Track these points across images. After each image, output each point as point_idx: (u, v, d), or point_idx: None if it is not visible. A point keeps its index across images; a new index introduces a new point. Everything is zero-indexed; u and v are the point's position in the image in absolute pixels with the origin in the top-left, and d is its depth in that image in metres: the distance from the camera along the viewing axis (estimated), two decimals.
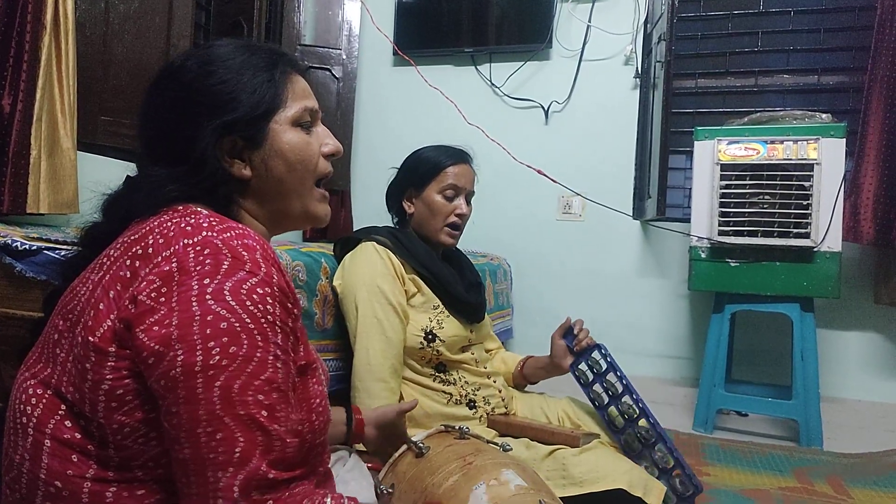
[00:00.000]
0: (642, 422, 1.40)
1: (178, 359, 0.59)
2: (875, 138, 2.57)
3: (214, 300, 0.61)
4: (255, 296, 0.63)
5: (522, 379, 1.64)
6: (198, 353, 0.59)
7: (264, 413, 0.61)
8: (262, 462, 0.60)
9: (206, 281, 0.62)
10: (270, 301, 0.64)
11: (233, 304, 0.61)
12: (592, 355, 1.49)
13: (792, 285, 2.38)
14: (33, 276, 1.15)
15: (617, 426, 1.43)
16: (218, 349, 0.60)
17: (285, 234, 0.91)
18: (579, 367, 1.50)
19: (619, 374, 1.46)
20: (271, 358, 0.63)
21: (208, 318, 0.60)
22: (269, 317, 0.64)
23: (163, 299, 0.61)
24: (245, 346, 0.61)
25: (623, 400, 1.44)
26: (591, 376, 1.49)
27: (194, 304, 0.61)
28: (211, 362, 0.59)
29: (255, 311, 0.63)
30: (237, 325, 0.61)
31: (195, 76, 0.76)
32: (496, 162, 3.08)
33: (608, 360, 1.48)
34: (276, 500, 0.61)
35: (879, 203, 2.55)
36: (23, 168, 1.75)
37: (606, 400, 1.46)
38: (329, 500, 0.65)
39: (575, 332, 1.52)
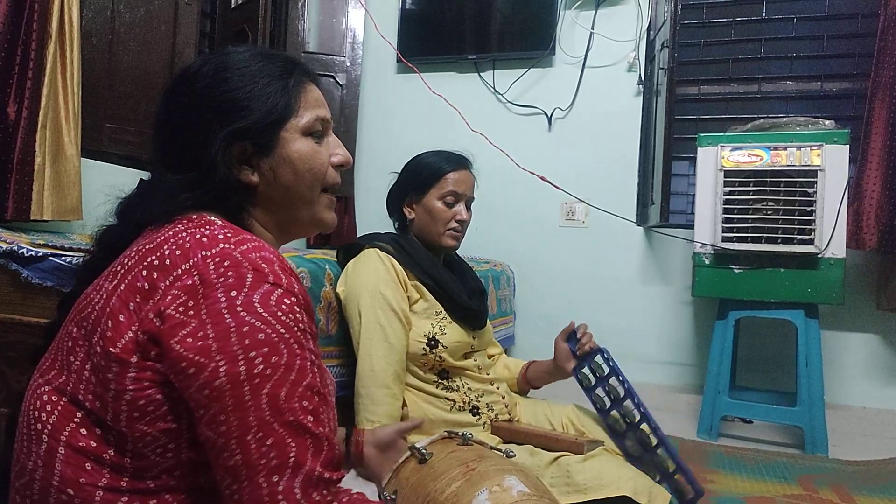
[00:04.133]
0: (644, 426, 1.39)
1: (222, 369, 0.61)
2: (878, 144, 2.57)
3: (247, 312, 0.62)
4: (283, 306, 0.65)
5: (526, 384, 1.64)
6: (240, 363, 0.61)
7: (310, 418, 0.63)
8: (315, 464, 0.63)
9: (234, 293, 0.63)
10: (298, 310, 0.66)
11: (265, 315, 0.63)
12: (595, 359, 1.49)
13: (796, 292, 2.37)
14: (39, 282, 1.16)
15: (618, 430, 1.42)
16: (260, 359, 0.62)
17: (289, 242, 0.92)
18: (582, 370, 1.50)
19: (621, 378, 1.46)
20: (309, 364, 0.65)
21: (244, 330, 0.62)
22: (300, 325, 0.66)
23: (192, 312, 0.63)
24: (285, 356, 0.63)
25: (625, 404, 1.43)
26: (593, 380, 1.49)
27: (227, 315, 0.62)
28: (255, 371, 0.61)
29: (287, 320, 0.64)
30: (274, 335, 0.63)
31: (209, 82, 0.76)
32: (499, 168, 3.09)
33: (611, 364, 1.48)
34: (340, 501, 0.64)
35: (882, 209, 2.55)
36: (27, 175, 1.76)
37: (608, 404, 1.46)
38: None
39: (578, 335, 1.52)
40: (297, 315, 0.66)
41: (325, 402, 0.66)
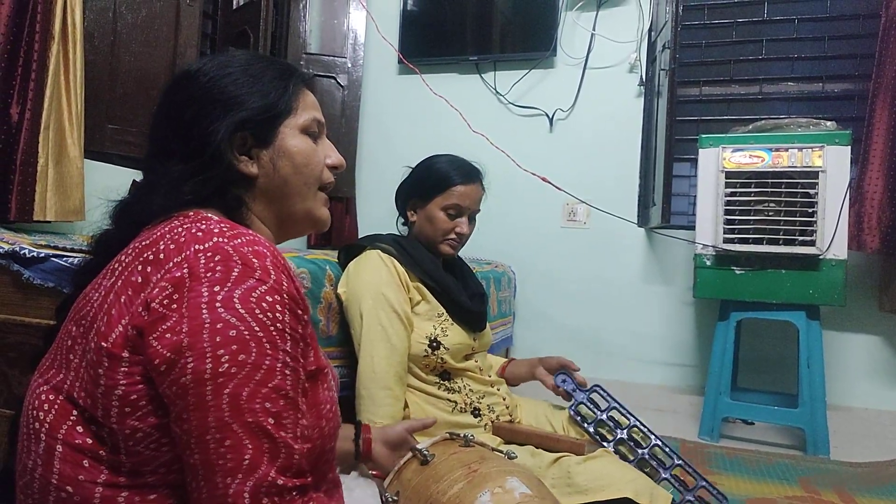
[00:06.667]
0: (656, 449, 1.40)
1: (189, 366, 0.60)
2: (880, 146, 2.56)
3: (224, 308, 0.62)
4: (264, 304, 0.64)
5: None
6: (207, 361, 0.60)
7: (271, 420, 0.62)
8: (270, 469, 0.61)
9: (216, 288, 0.63)
10: (280, 309, 0.65)
11: (242, 311, 0.62)
12: (591, 396, 1.49)
13: (797, 293, 2.37)
14: (41, 283, 1.16)
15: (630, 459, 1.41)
16: (227, 357, 0.61)
17: (290, 241, 0.92)
18: (579, 411, 1.49)
19: (623, 411, 1.47)
20: (279, 365, 0.64)
21: (217, 326, 0.61)
22: (278, 324, 0.64)
23: (174, 306, 0.62)
24: (254, 354, 0.62)
25: (632, 433, 1.43)
26: (593, 416, 1.48)
27: (204, 311, 0.61)
28: (220, 370, 0.60)
29: (265, 318, 0.63)
30: (246, 333, 0.62)
31: (212, 76, 0.79)
32: (501, 170, 3.08)
33: (608, 399, 1.49)
34: None
35: (884, 211, 2.54)
36: (30, 176, 1.77)
37: (615, 436, 1.44)
38: None
39: (574, 379, 1.51)
40: (278, 314, 0.64)
41: (293, 407, 0.64)
